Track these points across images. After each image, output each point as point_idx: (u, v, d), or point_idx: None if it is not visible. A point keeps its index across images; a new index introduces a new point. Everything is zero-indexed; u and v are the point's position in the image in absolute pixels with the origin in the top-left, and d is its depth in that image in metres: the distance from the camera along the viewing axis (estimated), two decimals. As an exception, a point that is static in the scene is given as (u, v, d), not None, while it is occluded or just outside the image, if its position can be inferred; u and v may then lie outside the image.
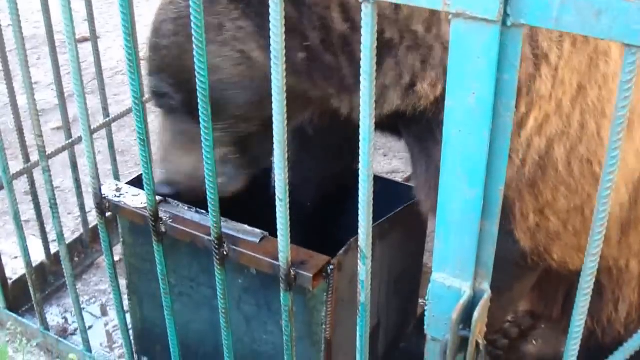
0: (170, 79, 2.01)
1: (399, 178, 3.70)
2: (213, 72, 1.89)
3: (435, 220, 1.43)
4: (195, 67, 1.54)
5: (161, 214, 2.03)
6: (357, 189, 1.45)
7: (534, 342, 2.73)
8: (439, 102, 1.83)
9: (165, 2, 2.00)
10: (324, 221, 2.69)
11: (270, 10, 1.36)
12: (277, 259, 1.74)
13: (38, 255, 2.94)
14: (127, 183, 2.28)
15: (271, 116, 1.49)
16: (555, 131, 1.84)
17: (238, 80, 1.94)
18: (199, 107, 1.62)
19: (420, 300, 2.75)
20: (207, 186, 1.71)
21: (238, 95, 1.99)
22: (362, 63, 1.31)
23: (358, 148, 1.42)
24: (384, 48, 1.79)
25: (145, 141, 1.79)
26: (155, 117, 4.42)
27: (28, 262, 2.60)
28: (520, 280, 2.19)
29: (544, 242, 1.98)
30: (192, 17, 1.49)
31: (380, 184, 2.52)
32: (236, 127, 2.06)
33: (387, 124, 2.08)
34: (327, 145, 2.58)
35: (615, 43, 1.68)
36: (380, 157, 3.89)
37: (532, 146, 1.84)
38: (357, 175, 1.43)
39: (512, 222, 1.94)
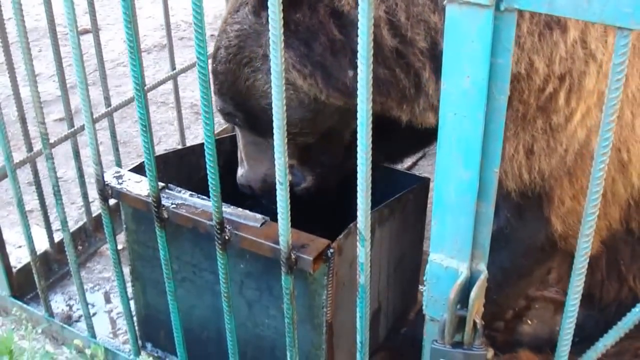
0: (231, 101, 2.20)
1: (398, 166, 3.72)
2: (264, 97, 2.12)
3: None
4: (196, 53, 1.56)
5: (163, 201, 2.06)
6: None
7: (529, 322, 2.76)
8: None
9: (220, 30, 2.15)
10: (331, 208, 2.72)
11: (270, 11, 1.38)
12: (278, 243, 1.77)
13: (42, 244, 2.97)
14: (129, 170, 2.31)
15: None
16: (595, 122, 1.88)
17: (288, 102, 2.01)
18: (200, 97, 1.64)
19: (420, 287, 2.78)
20: (208, 171, 1.73)
21: (290, 116, 2.07)
22: (359, 53, 1.33)
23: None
24: (440, 57, 1.84)
25: (147, 127, 1.82)
26: (157, 107, 4.45)
27: (32, 251, 2.63)
28: (541, 265, 2.25)
29: (573, 226, 2.04)
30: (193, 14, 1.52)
31: (380, 171, 2.56)
32: (295, 140, 2.20)
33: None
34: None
35: None
36: (380, 146, 3.91)
37: (575, 138, 1.89)
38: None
39: (548, 208, 2.01)
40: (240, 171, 2.50)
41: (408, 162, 3.83)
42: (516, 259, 2.14)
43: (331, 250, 1.96)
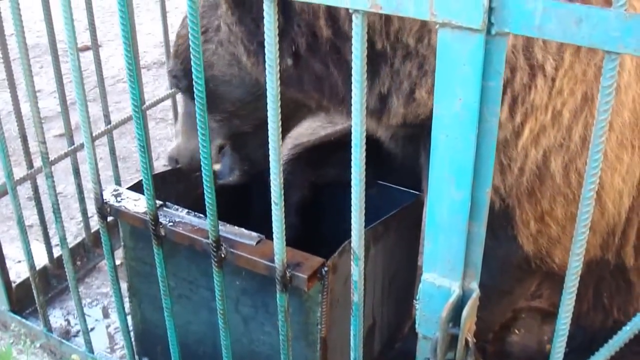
0: (181, 65, 2.22)
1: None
2: (209, 67, 2.09)
3: None
4: (194, 77, 1.58)
5: (161, 218, 2.08)
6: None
7: (516, 331, 2.78)
8: None
9: None
10: (328, 227, 2.74)
11: (264, 11, 1.41)
12: (273, 261, 1.79)
13: (41, 259, 2.99)
14: (128, 188, 2.33)
15: (263, 118, 1.54)
16: (552, 143, 1.85)
17: (230, 78, 2.06)
18: (197, 120, 1.66)
19: (414, 301, 2.78)
20: (205, 190, 1.76)
21: (231, 93, 2.09)
22: (353, 72, 1.35)
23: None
24: (378, 57, 1.84)
25: (145, 147, 1.84)
26: (155, 123, 4.48)
27: (31, 266, 2.64)
28: (522, 283, 2.23)
29: (546, 247, 2.02)
30: (188, 13, 1.54)
31: (375, 188, 2.58)
32: (230, 122, 2.21)
33: (403, 138, 2.12)
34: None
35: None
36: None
37: (529, 156, 1.86)
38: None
39: (514, 228, 1.98)
40: (173, 143, 2.50)
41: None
42: (494, 277, 2.12)
43: (325, 269, 1.98)
